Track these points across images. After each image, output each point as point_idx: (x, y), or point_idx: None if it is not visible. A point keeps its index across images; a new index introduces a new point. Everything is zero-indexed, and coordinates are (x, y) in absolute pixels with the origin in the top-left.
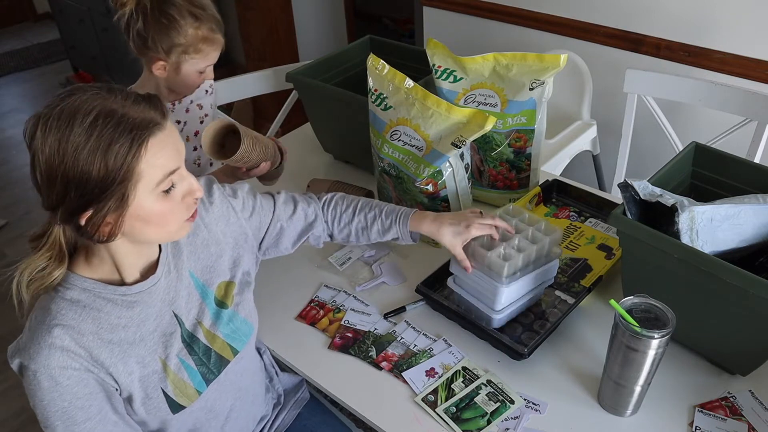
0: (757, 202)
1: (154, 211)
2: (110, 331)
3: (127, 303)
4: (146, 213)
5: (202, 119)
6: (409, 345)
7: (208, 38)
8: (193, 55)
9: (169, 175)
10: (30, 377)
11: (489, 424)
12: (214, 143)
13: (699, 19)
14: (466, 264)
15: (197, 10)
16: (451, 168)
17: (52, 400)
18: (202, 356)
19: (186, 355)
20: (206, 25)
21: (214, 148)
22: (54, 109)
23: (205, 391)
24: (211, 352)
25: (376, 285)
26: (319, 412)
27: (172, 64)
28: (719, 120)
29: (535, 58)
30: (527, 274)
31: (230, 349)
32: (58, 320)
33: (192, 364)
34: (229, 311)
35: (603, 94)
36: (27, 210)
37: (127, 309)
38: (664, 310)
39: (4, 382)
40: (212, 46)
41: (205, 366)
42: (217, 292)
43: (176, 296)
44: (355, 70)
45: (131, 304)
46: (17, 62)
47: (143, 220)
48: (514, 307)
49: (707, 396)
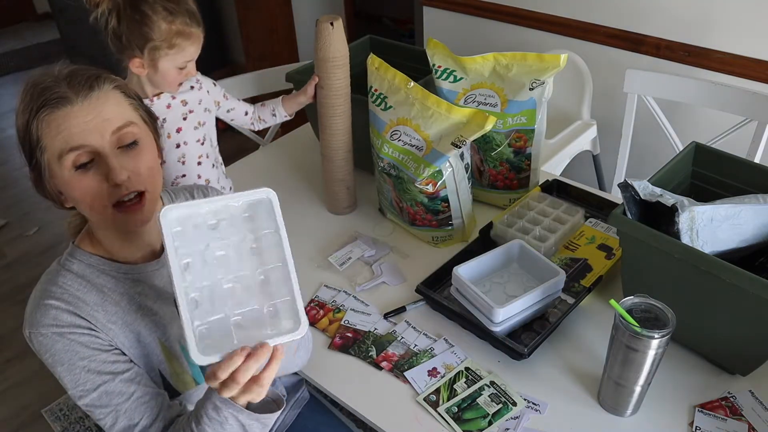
0: (757, 202)
1: (71, 186)
2: (114, 304)
3: (131, 280)
4: (66, 187)
5: (185, 115)
6: (410, 345)
7: (182, 32)
8: (167, 51)
9: (71, 151)
10: (42, 341)
11: (490, 425)
12: None
13: (699, 19)
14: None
15: (170, 5)
16: (451, 168)
17: (71, 361)
18: None
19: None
20: (180, 19)
21: None
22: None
23: (203, 382)
24: None
25: (376, 285)
26: (320, 412)
27: (149, 62)
28: (719, 120)
29: (535, 58)
30: (529, 292)
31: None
32: (64, 289)
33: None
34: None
35: (603, 94)
36: (27, 210)
37: (130, 286)
38: (664, 310)
39: (4, 382)
40: (188, 41)
41: None
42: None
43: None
44: (355, 70)
45: (134, 283)
46: (17, 62)
47: (69, 194)
48: (515, 320)
49: (707, 396)
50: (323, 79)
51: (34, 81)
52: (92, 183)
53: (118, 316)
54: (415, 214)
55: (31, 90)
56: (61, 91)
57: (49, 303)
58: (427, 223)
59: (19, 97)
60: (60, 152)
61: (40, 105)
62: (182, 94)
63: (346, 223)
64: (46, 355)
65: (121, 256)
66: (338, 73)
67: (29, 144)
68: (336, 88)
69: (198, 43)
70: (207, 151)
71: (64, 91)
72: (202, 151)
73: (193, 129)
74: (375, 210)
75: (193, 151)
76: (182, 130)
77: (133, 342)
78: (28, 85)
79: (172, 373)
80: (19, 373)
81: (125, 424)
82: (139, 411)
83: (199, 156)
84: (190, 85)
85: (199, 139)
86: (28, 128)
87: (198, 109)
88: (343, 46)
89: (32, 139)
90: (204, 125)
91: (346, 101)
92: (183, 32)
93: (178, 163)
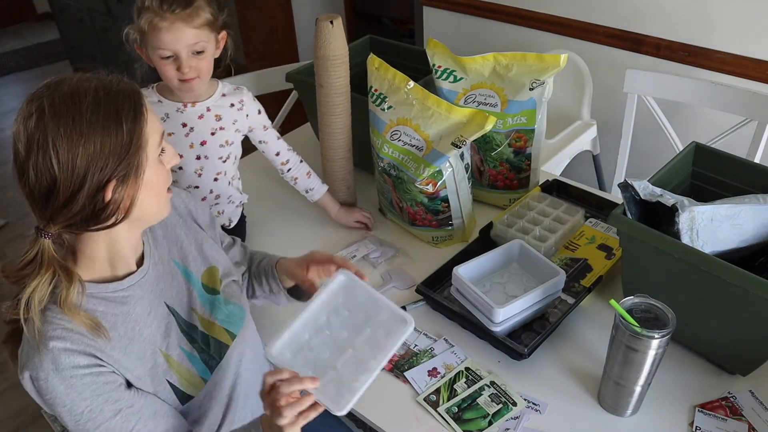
0: (757, 202)
1: (158, 178)
2: (110, 329)
3: (120, 299)
4: (152, 181)
5: (214, 131)
6: (410, 345)
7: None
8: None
9: (162, 136)
10: (43, 385)
11: (490, 425)
12: None
13: (699, 19)
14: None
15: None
16: (451, 168)
17: (74, 402)
18: (202, 343)
19: (187, 344)
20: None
21: None
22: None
23: (210, 378)
24: (209, 338)
25: (387, 290)
26: None
27: (145, 54)
28: (719, 120)
29: (535, 58)
30: (529, 292)
31: (227, 333)
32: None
33: (194, 353)
34: (220, 297)
35: (603, 94)
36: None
37: (121, 305)
38: (664, 310)
39: (4, 382)
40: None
41: (206, 353)
42: (203, 279)
43: (166, 287)
44: (355, 70)
45: (125, 300)
46: (17, 62)
47: (150, 188)
48: (515, 320)
49: (707, 396)
50: (323, 77)
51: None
52: (165, 170)
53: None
54: (415, 214)
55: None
56: (132, 85)
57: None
58: (427, 223)
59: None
60: (159, 140)
61: (137, 99)
62: (219, 108)
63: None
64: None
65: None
66: (338, 72)
67: (127, 145)
68: (336, 87)
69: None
70: (227, 168)
71: (133, 84)
72: (222, 168)
73: (219, 146)
74: (375, 210)
75: (213, 166)
76: (207, 143)
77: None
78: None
79: (180, 379)
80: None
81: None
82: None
83: (217, 173)
84: (231, 103)
85: (222, 156)
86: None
87: (230, 128)
88: (342, 44)
89: (134, 138)
90: (231, 144)
91: (346, 100)
92: (153, 17)
93: (194, 174)
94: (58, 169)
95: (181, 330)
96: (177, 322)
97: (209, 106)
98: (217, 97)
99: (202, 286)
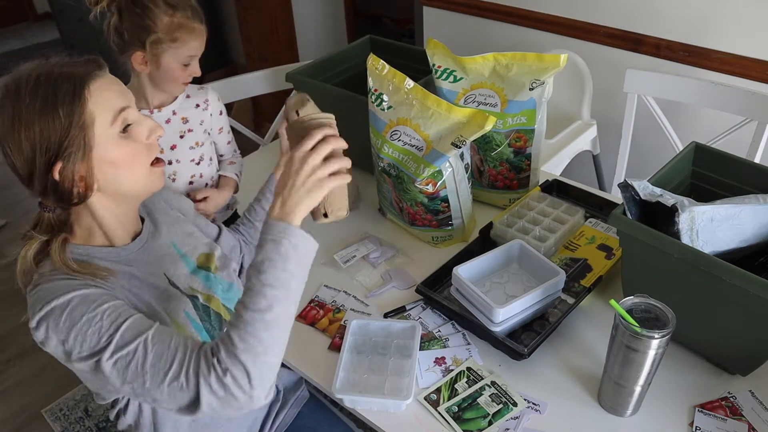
0: (757, 202)
1: (124, 153)
2: (123, 279)
3: (124, 260)
4: (112, 156)
5: (183, 134)
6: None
7: (184, 25)
8: (170, 44)
9: (120, 113)
10: (58, 313)
11: (490, 425)
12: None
13: (699, 19)
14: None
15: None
16: (451, 168)
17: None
18: (203, 312)
19: (191, 310)
20: (181, 13)
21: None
22: (0, 90)
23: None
24: (209, 309)
25: (386, 290)
26: (319, 411)
27: (152, 57)
28: (719, 120)
29: (535, 58)
30: (529, 292)
31: (225, 309)
32: (54, 270)
33: (197, 319)
34: (216, 275)
35: (603, 94)
36: (27, 210)
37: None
38: (664, 310)
39: (4, 382)
40: (191, 35)
41: (208, 323)
42: (197, 261)
43: (164, 261)
44: (355, 70)
45: (128, 263)
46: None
47: (111, 163)
48: (515, 320)
49: (707, 396)
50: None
51: (45, 72)
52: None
53: (126, 290)
54: (415, 214)
55: (48, 78)
56: (86, 67)
57: (55, 277)
58: (427, 223)
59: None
60: (112, 117)
61: (79, 81)
62: (185, 110)
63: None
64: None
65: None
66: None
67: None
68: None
69: (201, 39)
70: (202, 170)
71: (89, 66)
72: (197, 171)
73: (189, 148)
74: (375, 210)
75: (186, 170)
76: (176, 147)
77: (148, 311)
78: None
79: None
80: (19, 373)
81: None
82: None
83: (191, 176)
84: (196, 103)
85: (194, 159)
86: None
87: (198, 129)
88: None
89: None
90: (202, 146)
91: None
92: (184, 25)
93: (168, 180)
94: (12, 155)
95: (185, 295)
96: (179, 291)
97: (175, 109)
98: (181, 100)
99: (199, 267)
